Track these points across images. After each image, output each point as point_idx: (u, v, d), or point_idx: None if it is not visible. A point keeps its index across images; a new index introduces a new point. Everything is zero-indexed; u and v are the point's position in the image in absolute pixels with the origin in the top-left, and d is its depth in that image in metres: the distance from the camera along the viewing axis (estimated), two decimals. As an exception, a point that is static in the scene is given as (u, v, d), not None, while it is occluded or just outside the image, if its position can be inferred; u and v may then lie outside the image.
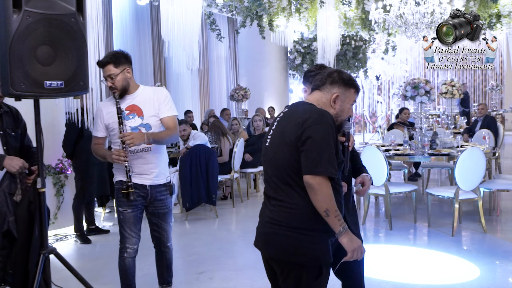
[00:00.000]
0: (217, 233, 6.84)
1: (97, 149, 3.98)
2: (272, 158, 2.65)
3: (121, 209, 3.94)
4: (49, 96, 3.35)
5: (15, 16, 3.07)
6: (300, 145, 2.50)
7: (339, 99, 2.67)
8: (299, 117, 2.56)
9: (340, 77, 2.68)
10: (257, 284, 4.79)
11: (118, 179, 3.94)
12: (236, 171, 8.30)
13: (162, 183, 4.00)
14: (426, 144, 7.09)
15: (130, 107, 3.87)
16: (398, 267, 5.22)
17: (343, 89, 2.67)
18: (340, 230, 2.48)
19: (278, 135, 2.65)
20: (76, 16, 3.31)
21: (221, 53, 14.61)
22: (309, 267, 2.58)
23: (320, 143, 2.47)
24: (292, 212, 2.56)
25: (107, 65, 3.79)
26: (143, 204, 3.99)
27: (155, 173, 3.94)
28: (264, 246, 2.72)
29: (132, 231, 3.96)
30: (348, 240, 2.50)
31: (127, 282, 4.05)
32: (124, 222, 3.94)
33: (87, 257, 5.93)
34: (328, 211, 2.45)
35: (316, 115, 2.53)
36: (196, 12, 8.00)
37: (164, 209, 4.05)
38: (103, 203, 7.40)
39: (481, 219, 6.34)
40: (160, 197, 4.00)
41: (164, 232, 4.11)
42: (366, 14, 12.26)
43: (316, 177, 2.44)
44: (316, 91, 2.72)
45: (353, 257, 2.53)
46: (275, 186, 2.63)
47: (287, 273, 2.63)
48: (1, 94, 3.16)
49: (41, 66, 3.19)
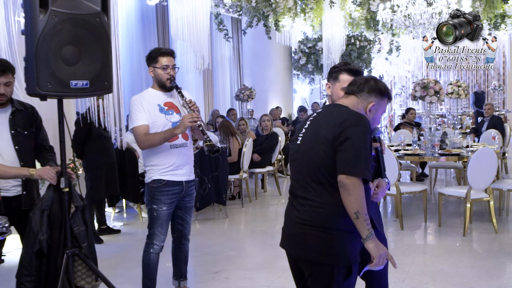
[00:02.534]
0: (227, 233, 6.85)
1: (153, 136, 3.87)
2: (304, 157, 2.65)
3: (156, 206, 3.98)
4: (75, 96, 3.36)
5: (42, 16, 3.06)
6: (337, 145, 2.50)
7: (374, 108, 2.70)
8: (336, 117, 2.57)
9: (377, 86, 2.71)
10: (273, 283, 4.80)
11: (155, 178, 3.97)
12: (245, 171, 8.31)
13: (193, 178, 4.13)
14: (436, 144, 7.10)
15: (168, 104, 4.01)
16: (413, 266, 5.22)
17: (379, 98, 2.71)
18: (367, 234, 2.48)
19: (312, 134, 2.65)
20: (101, 16, 3.30)
21: (226, 53, 14.61)
22: (340, 267, 2.58)
23: (358, 145, 2.48)
24: (322, 211, 2.55)
25: (171, 56, 4.02)
26: (177, 201, 4.06)
27: (189, 170, 4.07)
28: (293, 247, 2.70)
29: (163, 229, 4.04)
30: (375, 246, 2.50)
31: (150, 276, 4.12)
32: (158, 219, 4.00)
33: (99, 257, 5.75)
34: (359, 213, 2.45)
35: (354, 117, 2.55)
36: (205, 12, 7.99)
37: (191, 203, 4.18)
38: (113, 203, 7.40)
39: (493, 219, 6.36)
40: (190, 192, 4.13)
41: (187, 225, 4.22)
42: (371, 14, 12.27)
43: (351, 177, 2.44)
44: (352, 96, 2.72)
45: (378, 264, 2.52)
46: (306, 184, 2.61)
47: (317, 274, 2.62)
48: (27, 93, 3.15)
49: (66, 66, 3.18)
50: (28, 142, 3.83)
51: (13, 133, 3.75)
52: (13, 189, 3.78)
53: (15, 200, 3.77)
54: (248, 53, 15.17)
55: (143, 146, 3.94)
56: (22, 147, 3.78)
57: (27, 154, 3.82)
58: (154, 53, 4.03)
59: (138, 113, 3.91)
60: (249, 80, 14.88)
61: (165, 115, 3.96)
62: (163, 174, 3.96)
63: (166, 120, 3.95)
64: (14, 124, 3.77)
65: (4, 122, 3.75)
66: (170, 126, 3.94)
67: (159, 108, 3.97)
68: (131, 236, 6.77)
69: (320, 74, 15.18)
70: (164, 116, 3.96)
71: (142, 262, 4.13)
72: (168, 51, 4.04)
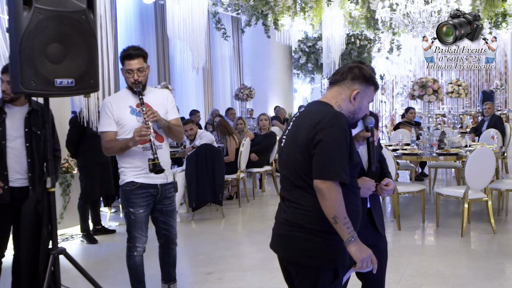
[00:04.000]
0: (223, 233, 6.79)
1: (113, 144, 3.82)
2: (286, 160, 2.59)
3: (132, 210, 3.90)
4: (60, 94, 3.30)
5: (26, 13, 3.02)
6: (312, 148, 2.42)
7: (359, 96, 2.58)
8: (311, 118, 2.48)
9: (361, 73, 2.59)
10: (266, 284, 4.74)
11: (128, 180, 3.89)
12: (242, 171, 8.26)
13: (170, 181, 4.03)
14: (434, 143, 7.04)
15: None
16: (408, 267, 5.17)
17: (364, 85, 2.59)
18: (348, 238, 2.39)
19: (292, 137, 2.58)
20: (86, 14, 3.25)
21: (225, 52, 14.57)
22: (325, 270, 2.52)
23: (331, 147, 2.38)
24: (307, 214, 2.49)
25: (138, 58, 3.80)
26: (152, 203, 3.98)
27: (166, 171, 3.93)
28: (280, 248, 2.65)
29: (143, 231, 3.97)
30: (357, 249, 2.41)
31: (138, 279, 4.05)
32: (136, 222, 3.92)
33: (94, 257, 5.89)
34: (337, 218, 2.37)
35: (329, 117, 2.44)
36: (202, 11, 7.95)
37: (172, 206, 4.08)
38: (109, 203, 7.36)
39: (491, 219, 6.29)
40: (168, 195, 4.03)
41: (172, 229, 4.13)
42: (371, 13, 12.21)
43: (326, 182, 2.37)
44: (335, 86, 2.62)
45: (362, 267, 2.45)
46: (289, 187, 2.57)
47: (302, 276, 2.57)
48: (11, 91, 3.12)
49: (51, 64, 3.14)
50: (40, 141, 3.89)
51: (26, 131, 3.90)
52: (18, 181, 3.91)
53: (18, 192, 3.89)
54: (248, 52, 15.13)
55: (106, 153, 3.98)
56: (33, 145, 3.90)
57: (37, 152, 3.92)
58: (121, 54, 3.86)
59: (104, 119, 3.86)
60: (249, 79, 14.84)
61: (136, 116, 3.84)
62: (136, 176, 3.87)
63: (138, 122, 3.82)
64: (30, 123, 3.91)
65: (20, 120, 3.90)
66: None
67: (130, 109, 3.86)
68: (126, 236, 6.69)
69: (320, 73, 15.13)
70: (135, 117, 3.85)
71: (128, 267, 4.04)
72: (133, 54, 3.80)
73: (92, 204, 6.58)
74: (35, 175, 3.90)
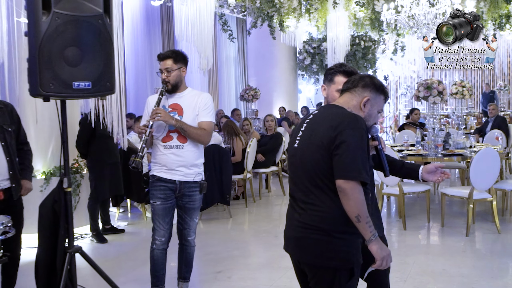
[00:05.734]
0: (231, 233, 6.88)
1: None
2: (301, 161, 2.63)
3: (152, 201, 4.16)
4: (77, 96, 3.39)
5: (45, 18, 3.10)
6: (333, 149, 2.48)
7: (369, 103, 2.67)
8: (331, 120, 2.55)
9: (372, 82, 2.69)
10: (275, 283, 4.82)
11: (151, 174, 4.17)
12: (249, 171, 8.33)
13: (191, 180, 4.14)
14: (439, 144, 7.10)
15: (173, 105, 4.13)
16: (414, 266, 5.24)
17: (374, 93, 2.68)
18: (370, 237, 2.46)
19: (308, 138, 2.63)
20: (103, 18, 3.34)
21: (231, 53, 14.65)
22: (342, 270, 2.57)
23: (354, 148, 2.46)
24: (324, 215, 2.53)
25: (166, 59, 4.13)
26: (173, 198, 4.15)
27: (184, 171, 4.10)
28: (296, 251, 2.69)
29: (161, 224, 4.13)
30: (378, 248, 2.48)
31: (154, 273, 4.23)
32: (154, 214, 4.15)
33: (104, 256, 5.96)
34: (360, 217, 2.43)
35: (349, 119, 2.52)
36: (209, 13, 8.03)
37: (191, 204, 4.20)
38: (118, 202, 7.44)
39: (495, 219, 6.36)
40: (188, 193, 4.16)
41: (187, 226, 4.26)
42: (376, 14, 12.27)
43: (349, 182, 2.43)
44: (346, 93, 2.71)
45: (382, 266, 2.52)
46: (305, 188, 2.60)
47: (319, 277, 2.61)
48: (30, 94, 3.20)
49: (69, 67, 3.23)
50: (11, 139, 3.98)
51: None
52: (2, 184, 3.93)
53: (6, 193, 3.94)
54: (253, 53, 15.19)
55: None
56: (8, 143, 3.94)
57: (12, 150, 3.98)
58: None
59: (143, 115, 4.25)
60: (254, 80, 14.90)
61: None
62: (158, 171, 4.15)
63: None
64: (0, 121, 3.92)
65: None
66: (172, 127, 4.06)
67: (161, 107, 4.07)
68: (135, 236, 6.81)
69: (324, 74, 15.16)
70: None
71: (149, 258, 4.24)
72: (162, 55, 4.18)
73: (102, 204, 6.66)
74: (15, 172, 3.97)
